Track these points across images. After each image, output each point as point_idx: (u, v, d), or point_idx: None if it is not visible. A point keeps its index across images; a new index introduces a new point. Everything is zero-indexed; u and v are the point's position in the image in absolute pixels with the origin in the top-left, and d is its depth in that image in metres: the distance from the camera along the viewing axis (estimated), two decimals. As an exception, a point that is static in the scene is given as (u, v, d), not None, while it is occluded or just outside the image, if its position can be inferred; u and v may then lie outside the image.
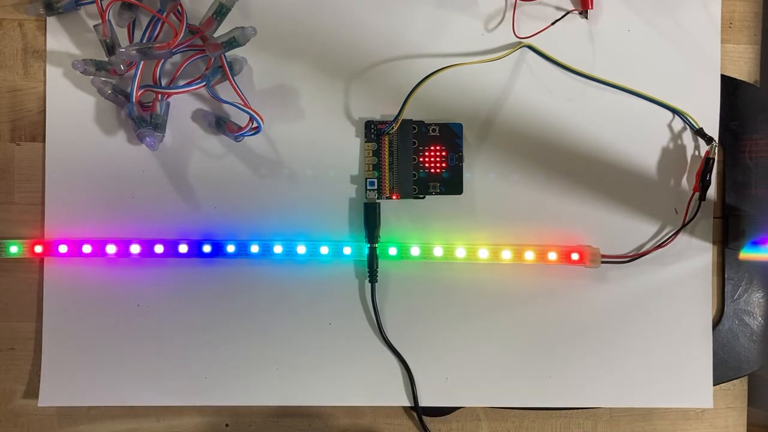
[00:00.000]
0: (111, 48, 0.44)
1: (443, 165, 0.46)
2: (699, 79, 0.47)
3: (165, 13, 0.44)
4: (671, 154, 0.47)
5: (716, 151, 0.45)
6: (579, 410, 0.48)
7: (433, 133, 0.46)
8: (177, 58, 0.45)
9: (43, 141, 0.46)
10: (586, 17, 0.47)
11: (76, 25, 0.46)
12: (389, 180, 0.46)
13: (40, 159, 0.46)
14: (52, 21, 0.46)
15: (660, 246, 0.46)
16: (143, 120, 0.43)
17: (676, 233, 0.46)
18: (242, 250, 0.45)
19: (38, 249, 0.45)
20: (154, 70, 0.45)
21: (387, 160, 0.46)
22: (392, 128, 0.45)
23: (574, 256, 0.46)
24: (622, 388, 0.46)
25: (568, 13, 0.46)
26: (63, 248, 0.45)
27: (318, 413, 0.47)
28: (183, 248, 0.45)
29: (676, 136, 0.47)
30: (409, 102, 0.44)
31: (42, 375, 0.46)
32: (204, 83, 0.45)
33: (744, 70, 0.48)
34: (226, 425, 0.47)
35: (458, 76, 0.46)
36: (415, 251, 0.45)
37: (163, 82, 0.45)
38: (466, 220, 0.47)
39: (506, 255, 0.45)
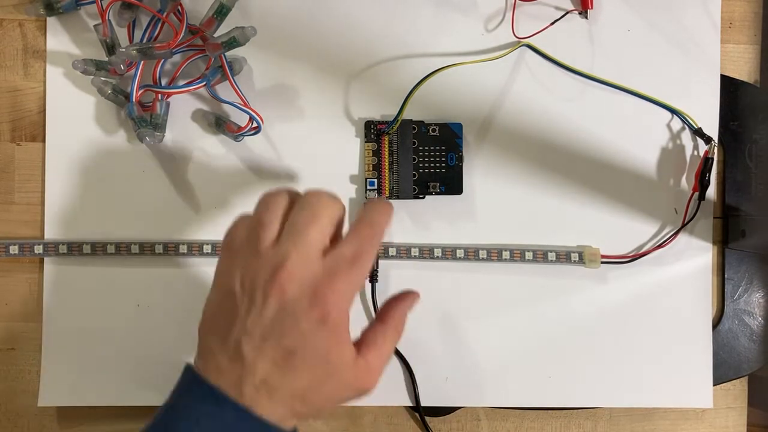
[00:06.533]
0: (111, 48, 0.44)
1: (443, 165, 0.46)
2: (699, 79, 0.47)
3: (165, 13, 0.44)
4: (671, 154, 0.47)
5: (715, 150, 0.45)
6: (579, 410, 0.48)
7: (432, 133, 0.46)
8: (177, 58, 0.45)
9: (43, 141, 0.46)
10: (586, 17, 0.47)
11: (76, 25, 0.46)
12: (389, 180, 0.46)
13: (40, 159, 0.46)
14: (52, 21, 0.46)
15: (660, 246, 0.46)
16: (143, 120, 0.43)
17: (676, 233, 0.46)
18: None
19: (38, 249, 0.45)
20: (154, 70, 0.45)
21: (387, 160, 0.46)
22: (392, 128, 0.45)
23: (574, 256, 0.46)
24: (622, 388, 0.46)
25: (567, 12, 0.46)
26: (63, 248, 0.45)
27: (318, 413, 0.47)
28: (183, 248, 0.45)
29: (676, 136, 0.47)
30: (408, 102, 0.44)
31: (42, 375, 0.46)
32: (204, 83, 0.45)
33: (744, 70, 0.48)
34: (226, 425, 0.47)
35: (458, 76, 0.46)
36: (415, 251, 0.45)
37: (163, 82, 0.45)
38: (466, 220, 0.47)
39: (506, 255, 0.46)
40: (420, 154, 0.46)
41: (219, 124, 0.45)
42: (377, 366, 0.36)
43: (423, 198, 0.46)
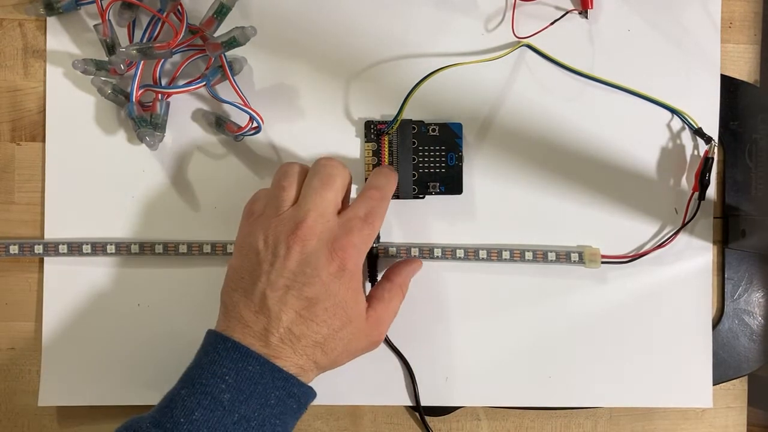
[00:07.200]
0: (111, 48, 0.44)
1: (443, 165, 0.46)
2: (699, 79, 0.47)
3: (165, 13, 0.44)
4: (671, 154, 0.47)
5: (715, 150, 0.45)
6: (579, 410, 0.48)
7: (432, 133, 0.46)
8: (177, 58, 0.45)
9: (43, 141, 0.46)
10: (586, 17, 0.47)
11: (76, 25, 0.46)
12: (389, 180, 0.46)
13: (40, 159, 0.46)
14: (52, 21, 0.46)
15: (660, 246, 0.46)
16: (143, 120, 0.43)
17: (676, 233, 0.46)
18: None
19: (38, 249, 0.45)
20: (154, 70, 0.45)
21: (387, 161, 0.46)
22: (392, 128, 0.45)
23: (574, 256, 0.46)
24: (622, 388, 0.46)
25: (567, 12, 0.46)
26: (63, 248, 0.45)
27: (318, 413, 0.47)
28: (183, 248, 0.45)
29: (676, 136, 0.47)
30: (408, 102, 0.44)
31: (42, 375, 0.46)
32: (204, 83, 0.45)
33: (744, 70, 0.48)
34: (226, 425, 0.47)
35: (458, 76, 0.46)
36: (415, 251, 0.45)
37: (163, 82, 0.45)
38: (466, 220, 0.47)
39: (506, 255, 0.46)
40: (420, 154, 0.46)
41: (219, 124, 0.45)
42: (386, 319, 0.40)
43: (423, 198, 0.46)
